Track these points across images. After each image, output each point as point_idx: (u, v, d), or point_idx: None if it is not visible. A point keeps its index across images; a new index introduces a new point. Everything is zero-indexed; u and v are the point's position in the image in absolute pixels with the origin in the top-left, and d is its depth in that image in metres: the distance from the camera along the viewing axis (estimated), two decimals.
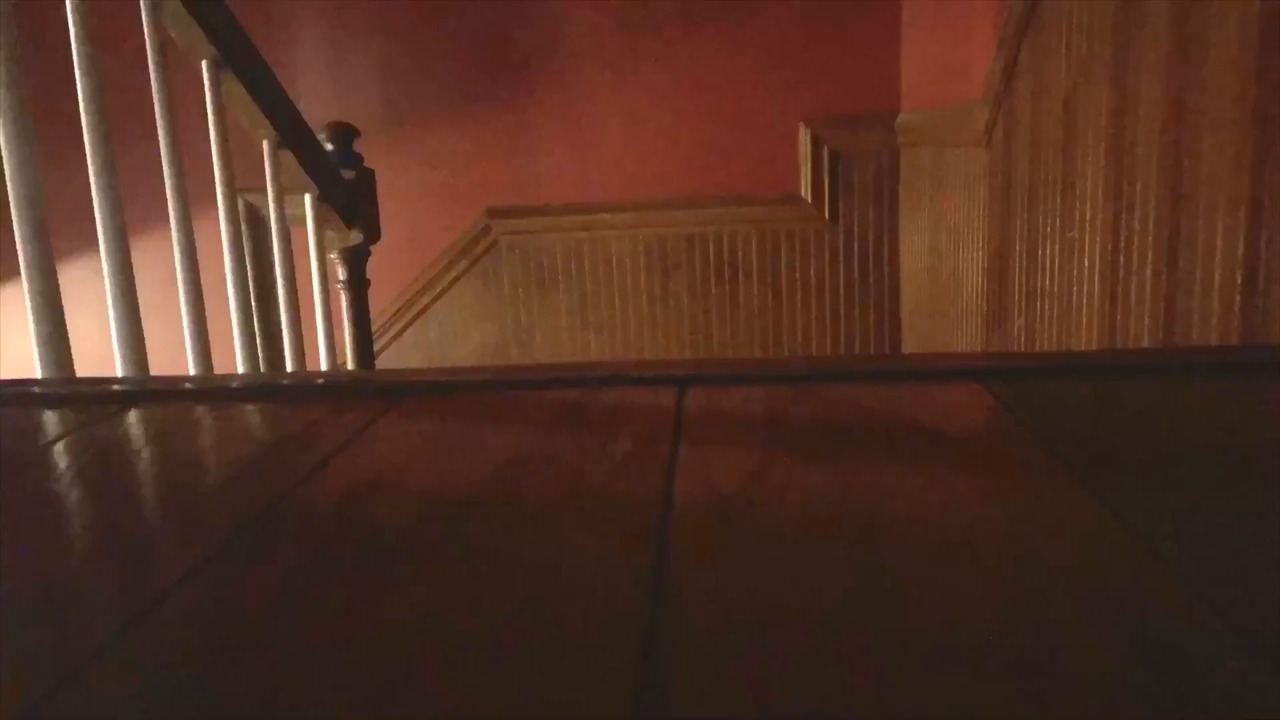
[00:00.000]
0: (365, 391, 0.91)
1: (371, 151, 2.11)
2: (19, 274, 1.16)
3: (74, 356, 1.19)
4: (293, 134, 1.71)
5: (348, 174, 1.96)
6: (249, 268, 1.66)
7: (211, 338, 1.44)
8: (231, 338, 1.58)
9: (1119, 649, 0.38)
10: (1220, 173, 1.14)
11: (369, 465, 0.67)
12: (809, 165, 2.94)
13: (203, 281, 1.43)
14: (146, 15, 1.33)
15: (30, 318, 1.15)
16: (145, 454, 0.76)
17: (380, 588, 0.48)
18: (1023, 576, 0.45)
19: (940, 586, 0.44)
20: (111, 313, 1.27)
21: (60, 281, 1.18)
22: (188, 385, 0.99)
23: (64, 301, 1.18)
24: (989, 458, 0.63)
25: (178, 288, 1.41)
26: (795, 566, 0.47)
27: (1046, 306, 1.76)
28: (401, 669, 0.40)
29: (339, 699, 0.38)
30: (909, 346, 2.95)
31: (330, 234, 1.94)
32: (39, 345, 1.16)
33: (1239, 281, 1.11)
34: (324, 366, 1.89)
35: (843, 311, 3.03)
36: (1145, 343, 1.36)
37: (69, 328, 1.18)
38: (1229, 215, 1.13)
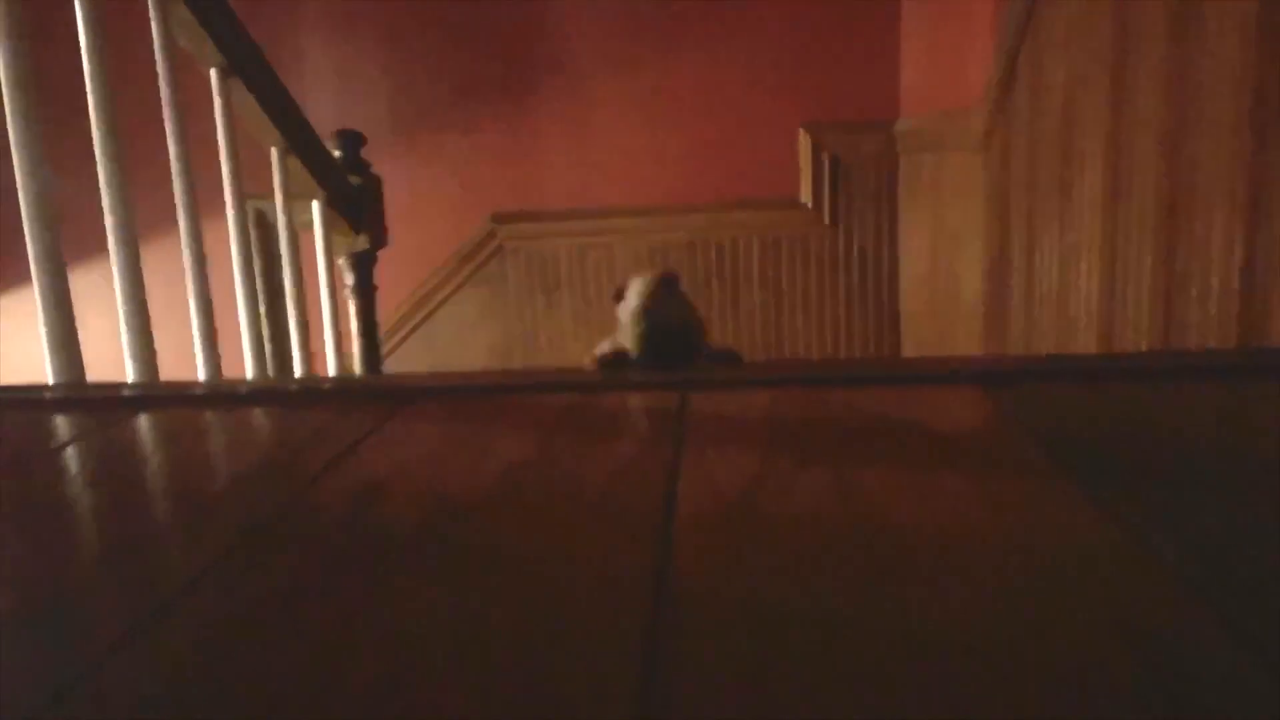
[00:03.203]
0: (372, 396, 0.92)
1: (378, 158, 2.13)
2: (30, 279, 1.17)
3: (85, 361, 1.20)
4: (300, 141, 1.72)
5: (355, 180, 1.97)
6: (257, 273, 1.67)
7: (221, 343, 1.45)
8: (240, 343, 1.59)
9: (1117, 651, 0.38)
10: (1218, 176, 1.15)
11: (375, 469, 0.68)
12: (809, 170, 2.95)
13: (212, 287, 1.44)
14: (156, 24, 1.35)
15: (41, 323, 1.16)
16: (155, 458, 0.77)
17: (386, 590, 0.48)
18: (1022, 579, 0.45)
19: (941, 589, 0.45)
20: (122, 318, 1.28)
21: (71, 286, 1.19)
22: (197, 390, 1.00)
23: (75, 306, 1.19)
24: (988, 461, 0.63)
25: (187, 293, 1.42)
26: (797, 570, 0.47)
27: (1045, 310, 1.77)
28: (406, 671, 0.40)
29: (345, 701, 0.38)
30: (909, 350, 2.95)
31: (338, 239, 1.96)
32: (50, 350, 1.17)
33: (1237, 284, 1.12)
34: (332, 371, 1.90)
35: (843, 315, 3.03)
36: (1144, 346, 1.36)
37: (80, 333, 1.19)
38: (1226, 218, 1.13)
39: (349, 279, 2.03)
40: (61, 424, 0.87)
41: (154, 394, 0.98)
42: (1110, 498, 0.54)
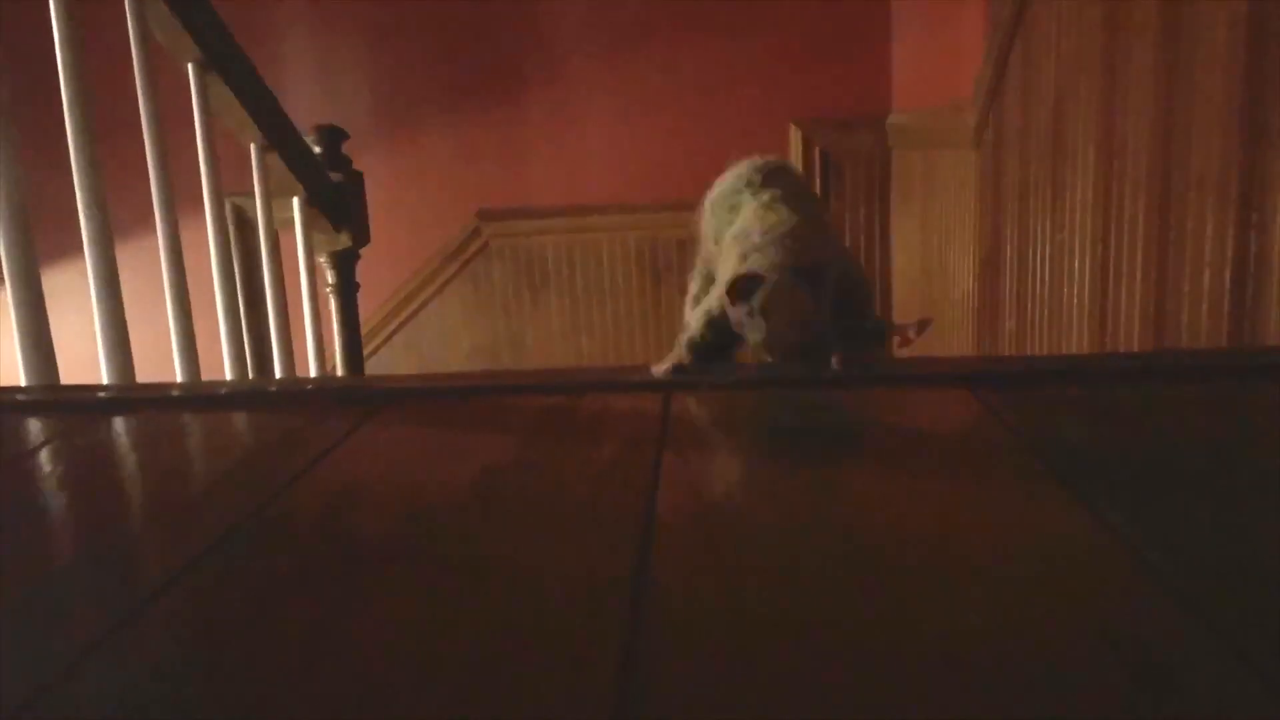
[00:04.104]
0: (352, 398, 0.91)
1: (361, 154, 2.10)
2: (2, 279, 1.15)
3: (60, 363, 1.18)
4: (280, 136, 1.70)
5: (336, 177, 1.95)
6: (237, 272, 1.65)
7: (200, 343, 1.43)
8: (219, 343, 1.57)
9: (1104, 657, 0.38)
10: (1209, 175, 1.14)
11: (350, 472, 0.67)
12: (800, 167, 2.94)
13: (191, 286, 1.42)
14: (131, 17, 1.32)
15: (14, 324, 1.14)
16: (128, 462, 0.76)
17: (358, 596, 0.47)
18: (1009, 584, 0.45)
19: (926, 594, 0.44)
20: (97, 319, 1.26)
21: (45, 287, 1.17)
22: (174, 393, 0.98)
23: (49, 307, 1.17)
24: (977, 464, 0.62)
25: (164, 293, 1.40)
26: (779, 575, 0.47)
27: (1037, 309, 1.76)
28: (379, 678, 0.39)
29: (316, 707, 0.38)
30: (899, 348, 2.94)
31: (319, 237, 1.94)
32: (23, 352, 1.15)
33: (1228, 284, 1.11)
34: (313, 372, 1.88)
35: None
36: (1135, 345, 1.35)
37: (54, 334, 1.17)
38: (1218, 217, 1.13)
39: (330, 278, 2.00)
40: (34, 427, 0.86)
41: (129, 397, 0.97)
42: (1100, 501, 0.54)
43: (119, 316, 1.27)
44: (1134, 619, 0.41)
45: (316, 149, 1.93)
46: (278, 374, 1.74)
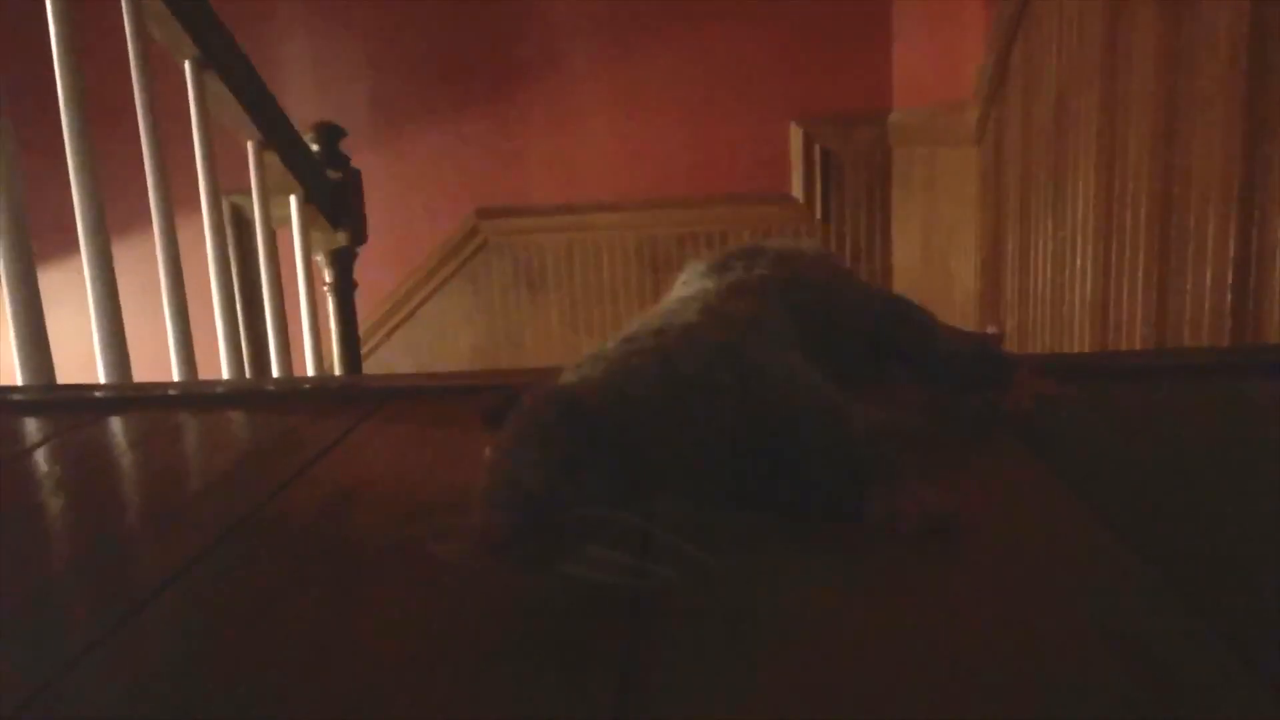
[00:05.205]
0: (349, 397, 0.90)
1: (358, 152, 2.10)
2: None
3: (56, 360, 1.18)
4: (277, 134, 1.69)
5: (334, 174, 1.94)
6: (234, 271, 1.64)
7: (197, 342, 1.42)
8: (217, 342, 1.56)
9: (1107, 654, 0.38)
10: (1210, 172, 1.14)
11: (348, 472, 0.67)
12: (801, 164, 2.93)
13: (188, 285, 1.41)
14: (128, 14, 1.32)
15: (10, 323, 1.14)
16: (125, 462, 0.76)
17: (357, 596, 0.47)
18: (1012, 582, 0.44)
19: (928, 591, 0.44)
20: (94, 318, 1.26)
21: (41, 285, 1.17)
22: (170, 392, 0.98)
23: (45, 305, 1.17)
24: (978, 462, 0.62)
25: (161, 292, 1.39)
26: (778, 573, 0.46)
27: (1038, 306, 1.76)
28: (379, 678, 0.39)
29: (316, 706, 0.37)
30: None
31: (316, 236, 1.93)
32: (19, 351, 1.15)
33: (1230, 280, 1.11)
34: (310, 371, 1.88)
35: None
36: (1137, 343, 1.35)
37: (51, 333, 1.17)
38: (1219, 214, 1.12)
39: (327, 276, 1.99)
40: (31, 426, 0.86)
41: (126, 396, 0.97)
42: (1102, 499, 0.53)
43: (116, 315, 1.27)
44: (1135, 618, 0.40)
45: (314, 147, 1.92)
46: (275, 373, 1.74)
